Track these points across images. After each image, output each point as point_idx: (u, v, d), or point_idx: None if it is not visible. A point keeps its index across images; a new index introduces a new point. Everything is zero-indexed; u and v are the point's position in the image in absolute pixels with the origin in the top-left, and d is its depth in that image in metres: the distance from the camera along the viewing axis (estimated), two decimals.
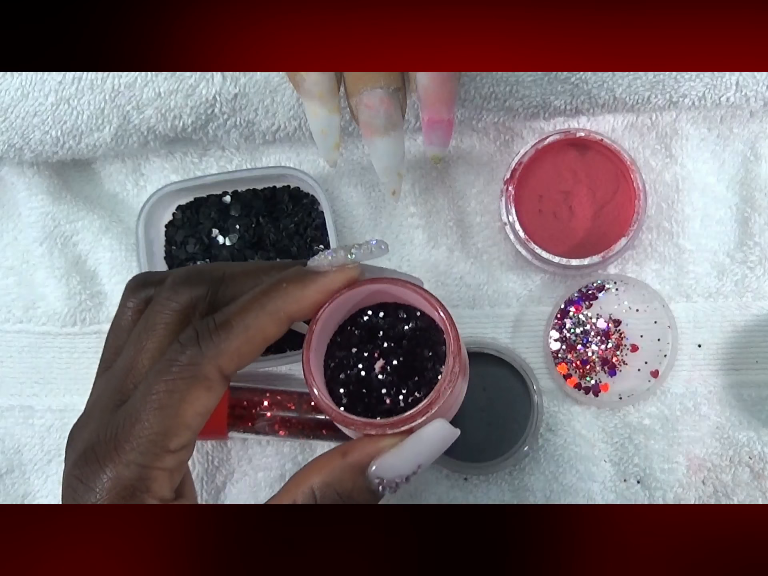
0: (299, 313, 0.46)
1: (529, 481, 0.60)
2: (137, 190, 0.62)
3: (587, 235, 0.58)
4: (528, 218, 0.58)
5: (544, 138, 0.57)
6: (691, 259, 0.59)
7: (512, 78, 0.56)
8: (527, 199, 0.58)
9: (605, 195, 0.58)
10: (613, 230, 0.58)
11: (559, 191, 0.58)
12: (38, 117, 0.55)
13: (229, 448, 0.62)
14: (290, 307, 0.46)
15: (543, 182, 0.58)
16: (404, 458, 0.45)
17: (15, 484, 0.62)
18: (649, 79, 0.56)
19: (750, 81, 0.56)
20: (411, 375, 0.46)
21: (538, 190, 0.58)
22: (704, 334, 0.60)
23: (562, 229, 0.58)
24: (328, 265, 0.46)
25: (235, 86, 0.55)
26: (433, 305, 0.45)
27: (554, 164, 0.58)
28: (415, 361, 0.46)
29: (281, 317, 0.46)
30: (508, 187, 0.57)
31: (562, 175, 0.58)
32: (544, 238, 0.58)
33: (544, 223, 0.58)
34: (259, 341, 0.45)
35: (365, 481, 0.45)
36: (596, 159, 0.58)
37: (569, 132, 0.57)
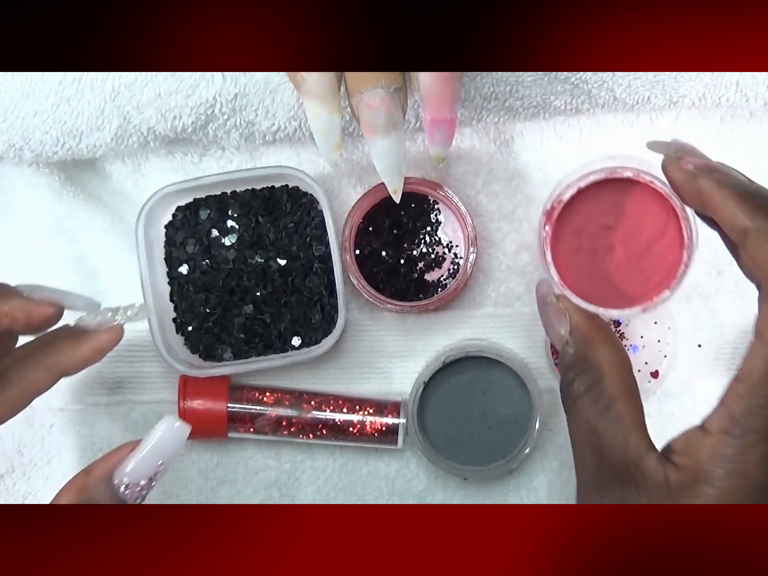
0: (71, 369, 0.50)
1: (530, 481, 0.60)
2: (137, 191, 0.62)
3: (626, 282, 0.51)
4: (564, 261, 0.51)
5: (586, 175, 0.50)
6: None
7: (512, 78, 0.56)
8: (563, 239, 0.51)
9: (651, 236, 0.50)
10: (657, 274, 0.50)
11: (601, 226, 0.51)
12: (38, 117, 0.55)
13: (228, 448, 0.62)
14: (64, 363, 0.50)
15: (582, 223, 0.51)
16: (142, 460, 0.48)
17: (16, 483, 0.61)
18: (649, 79, 0.56)
19: (750, 81, 0.56)
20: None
21: (576, 231, 0.51)
22: (704, 334, 0.60)
23: (601, 271, 0.51)
24: (97, 325, 0.51)
25: (235, 86, 0.55)
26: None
27: (596, 202, 0.51)
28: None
29: (54, 372, 0.50)
30: (546, 228, 0.50)
31: (601, 216, 0.51)
32: (580, 283, 0.50)
33: (582, 267, 0.51)
34: (32, 394, 0.49)
35: (113, 490, 0.48)
36: (643, 199, 0.50)
37: (614, 170, 0.49)
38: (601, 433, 0.43)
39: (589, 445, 0.44)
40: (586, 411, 0.44)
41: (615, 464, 0.43)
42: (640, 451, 0.43)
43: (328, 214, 0.58)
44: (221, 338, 0.60)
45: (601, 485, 0.43)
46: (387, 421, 0.60)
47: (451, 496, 0.61)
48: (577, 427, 0.44)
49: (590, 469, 0.43)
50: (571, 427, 0.45)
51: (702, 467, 0.41)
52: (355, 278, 0.58)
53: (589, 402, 0.44)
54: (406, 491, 0.61)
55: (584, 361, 0.44)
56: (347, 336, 0.61)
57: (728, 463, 0.40)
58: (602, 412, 0.43)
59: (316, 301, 0.59)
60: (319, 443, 0.61)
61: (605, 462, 0.43)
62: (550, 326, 0.47)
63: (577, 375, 0.44)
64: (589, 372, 0.44)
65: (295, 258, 0.59)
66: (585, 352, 0.45)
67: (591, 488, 0.43)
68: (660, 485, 0.42)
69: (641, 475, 0.42)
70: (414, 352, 0.61)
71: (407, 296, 0.59)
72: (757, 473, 0.40)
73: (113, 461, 0.49)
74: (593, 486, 0.43)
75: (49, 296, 0.51)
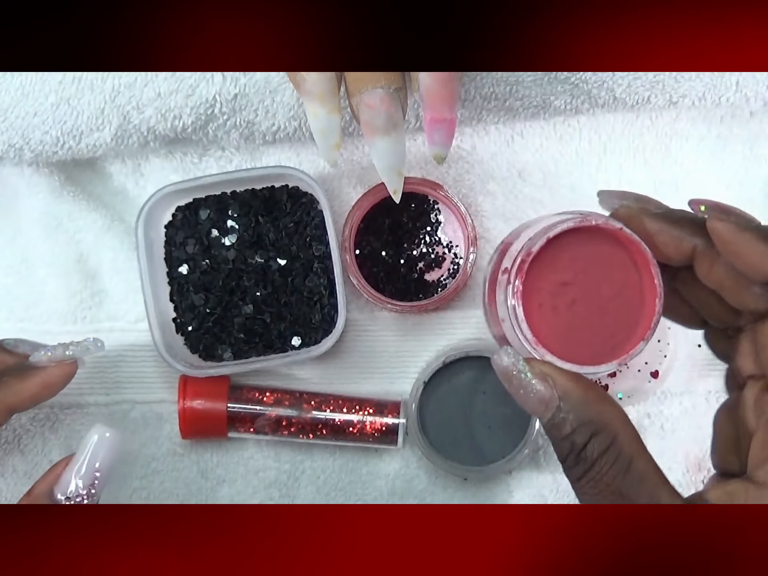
0: (19, 405, 0.51)
1: (530, 481, 0.60)
2: (137, 191, 0.62)
3: (601, 336, 0.47)
4: (536, 317, 0.47)
5: (554, 225, 0.46)
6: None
7: (512, 78, 0.56)
8: (536, 294, 0.47)
9: (611, 289, 0.47)
10: (621, 330, 0.47)
11: (557, 284, 0.47)
12: (38, 117, 0.55)
13: (228, 447, 0.62)
14: (10, 399, 0.50)
15: (552, 275, 0.47)
16: (77, 473, 0.49)
17: (17, 483, 0.61)
18: (649, 79, 0.56)
19: (750, 81, 0.56)
20: None
21: (546, 284, 0.47)
22: None
23: (573, 330, 0.47)
24: (48, 360, 0.51)
25: (235, 86, 0.55)
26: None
27: (566, 255, 0.47)
28: None
29: (1, 409, 0.50)
30: (516, 283, 0.46)
31: (563, 266, 0.47)
32: (553, 340, 0.47)
33: (554, 324, 0.47)
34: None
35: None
36: (606, 246, 0.47)
37: (585, 218, 0.46)
38: (625, 494, 0.41)
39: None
40: (605, 474, 0.41)
41: None
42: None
43: (328, 214, 0.58)
44: (221, 338, 0.60)
45: None
46: (387, 421, 0.60)
47: (451, 496, 0.61)
48: (597, 493, 0.42)
49: None
50: (587, 494, 0.42)
51: None
52: (355, 278, 0.58)
53: (609, 464, 0.41)
54: (406, 491, 0.61)
55: (592, 423, 0.42)
56: (347, 336, 0.61)
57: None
58: (624, 472, 0.41)
59: (316, 301, 0.59)
60: (319, 443, 0.61)
61: None
62: (526, 397, 0.43)
63: (588, 439, 0.41)
64: (603, 433, 0.41)
65: (295, 258, 0.59)
66: (589, 414, 0.42)
67: None
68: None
69: None
70: (414, 352, 0.61)
71: (407, 296, 0.59)
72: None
73: (51, 478, 0.49)
74: None
75: (30, 350, 0.53)
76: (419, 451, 0.60)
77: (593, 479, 0.41)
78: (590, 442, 0.41)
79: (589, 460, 0.41)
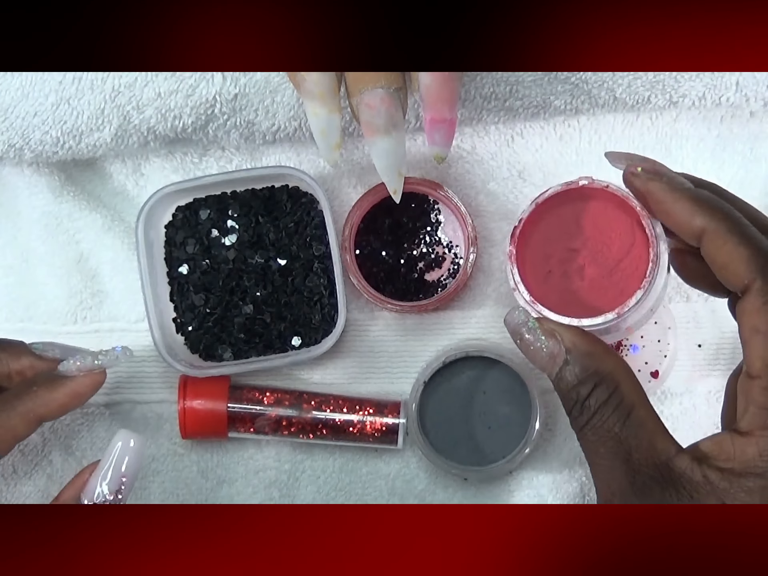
0: (49, 415, 0.51)
1: (530, 481, 0.60)
2: (137, 190, 0.62)
3: (603, 295, 0.50)
4: (536, 281, 0.50)
5: (543, 192, 0.49)
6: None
7: (512, 78, 0.56)
8: (533, 260, 0.51)
9: (621, 249, 0.50)
10: (631, 286, 0.49)
11: (567, 249, 0.50)
12: (38, 117, 0.55)
13: (228, 447, 0.62)
14: (40, 410, 0.50)
15: (548, 241, 0.50)
16: (103, 479, 0.49)
17: (17, 483, 0.61)
18: (649, 79, 0.56)
19: (750, 81, 0.56)
20: None
21: (544, 249, 0.50)
22: (704, 334, 0.60)
23: (574, 291, 0.50)
24: (77, 370, 0.51)
25: (235, 86, 0.55)
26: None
27: (559, 219, 0.50)
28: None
29: (31, 418, 0.50)
30: (510, 248, 0.49)
31: (568, 231, 0.50)
32: (553, 301, 0.49)
33: (554, 286, 0.50)
34: (9, 441, 0.50)
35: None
36: (606, 209, 0.50)
37: (570, 183, 0.49)
38: (624, 440, 0.43)
39: (615, 454, 0.43)
40: (607, 421, 0.43)
41: (645, 468, 0.43)
42: (669, 452, 0.43)
43: (328, 214, 0.58)
44: (221, 338, 0.60)
45: (637, 490, 0.43)
46: (387, 421, 0.60)
47: (451, 496, 0.61)
48: (598, 439, 0.44)
49: (620, 478, 0.43)
50: (590, 442, 0.44)
51: (750, 464, 0.41)
52: (355, 278, 0.58)
53: (609, 412, 0.43)
54: (406, 491, 0.61)
55: (596, 373, 0.44)
56: (347, 336, 0.61)
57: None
58: (624, 419, 0.43)
59: (316, 301, 0.59)
60: (319, 443, 0.61)
61: (635, 467, 0.43)
62: (536, 353, 0.45)
63: (593, 389, 0.44)
64: (605, 383, 0.44)
65: (295, 258, 0.59)
66: (594, 365, 0.44)
67: (628, 495, 0.43)
68: (700, 483, 0.42)
69: (676, 476, 0.42)
70: (414, 352, 0.61)
71: (407, 296, 0.59)
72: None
73: (77, 485, 0.50)
74: (630, 493, 0.43)
75: (59, 354, 0.54)
76: (419, 451, 0.60)
77: (595, 426, 0.44)
78: (593, 391, 0.43)
79: (592, 408, 0.43)
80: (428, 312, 0.61)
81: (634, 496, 0.43)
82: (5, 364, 0.53)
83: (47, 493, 0.61)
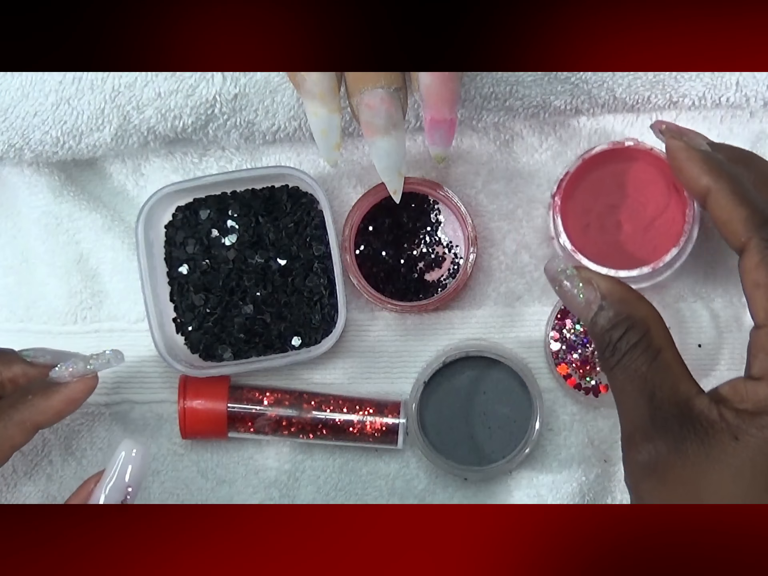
0: (45, 422, 0.51)
1: (530, 481, 0.60)
2: (137, 190, 0.62)
3: (637, 250, 0.56)
4: (575, 232, 0.55)
5: (590, 149, 0.55)
6: (691, 259, 0.59)
7: (512, 78, 0.56)
8: (574, 212, 0.56)
9: (656, 208, 0.55)
10: (664, 244, 0.55)
11: (607, 205, 0.56)
12: (38, 117, 0.55)
13: (228, 447, 0.62)
14: (36, 418, 0.51)
15: (590, 195, 0.56)
16: (108, 490, 0.49)
17: (17, 483, 0.61)
18: (649, 79, 0.56)
19: (750, 81, 0.56)
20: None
21: (585, 203, 0.56)
22: (704, 334, 0.60)
23: (610, 244, 0.56)
24: (69, 376, 0.52)
25: (235, 86, 0.55)
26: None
27: (601, 176, 0.56)
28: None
29: (28, 427, 0.51)
30: (555, 199, 0.55)
31: (609, 188, 0.56)
32: (592, 252, 0.55)
33: (592, 238, 0.56)
34: (7, 450, 0.50)
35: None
36: (646, 170, 0.55)
37: (617, 143, 0.55)
38: (650, 380, 0.46)
39: (640, 391, 0.46)
40: (635, 361, 0.46)
41: (668, 406, 0.45)
42: (690, 393, 0.46)
43: (328, 214, 0.58)
44: (221, 338, 0.60)
45: (658, 426, 0.45)
46: (387, 421, 0.60)
47: (451, 496, 0.61)
48: (626, 378, 0.46)
49: (642, 414, 0.46)
50: (618, 381, 0.47)
51: (762, 405, 0.44)
52: (355, 278, 0.58)
53: (638, 353, 0.46)
54: (406, 491, 0.61)
55: (629, 318, 0.47)
56: (347, 336, 0.61)
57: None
58: (651, 360, 0.46)
59: (316, 301, 0.59)
60: (319, 443, 0.61)
61: (658, 406, 0.45)
62: (573, 299, 0.48)
63: (625, 332, 0.46)
64: (637, 327, 0.46)
65: (295, 258, 0.59)
66: (627, 310, 0.47)
67: (648, 431, 0.46)
68: (716, 421, 0.45)
69: (695, 414, 0.45)
70: (414, 352, 0.61)
71: (407, 296, 0.59)
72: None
73: (83, 495, 0.50)
74: (650, 428, 0.46)
75: (51, 360, 0.54)
76: (419, 451, 0.60)
77: (624, 366, 0.46)
78: (625, 334, 0.46)
79: (623, 350, 0.46)
80: (428, 312, 0.61)
81: (654, 431, 0.45)
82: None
83: (47, 493, 0.61)
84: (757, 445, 0.44)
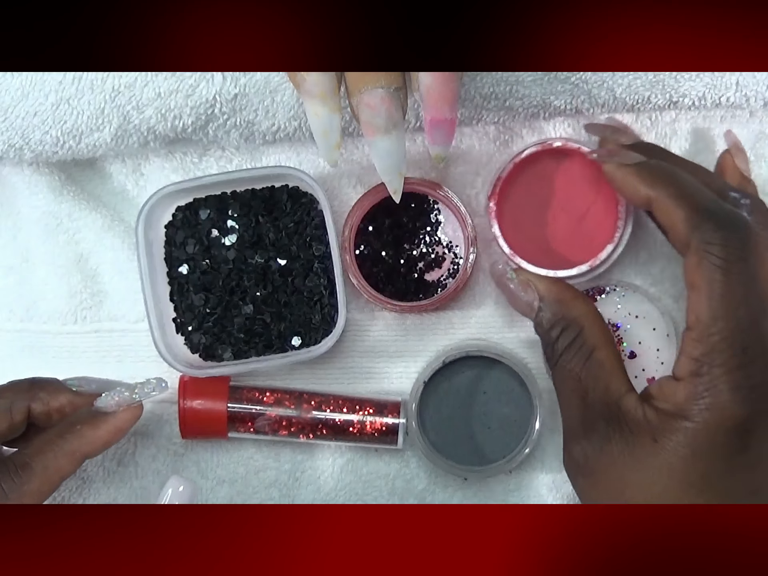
0: (93, 452, 0.52)
1: (530, 481, 0.60)
2: (138, 190, 0.62)
3: (573, 245, 0.57)
4: (512, 234, 0.57)
5: (521, 151, 0.57)
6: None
7: (512, 78, 0.56)
8: (510, 214, 0.57)
9: (585, 201, 0.57)
10: (599, 236, 0.57)
11: (540, 204, 0.57)
12: (38, 117, 0.55)
13: (228, 447, 0.62)
14: (85, 448, 0.52)
15: (523, 197, 0.57)
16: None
17: None
18: (649, 79, 0.56)
19: (750, 81, 0.56)
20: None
21: (519, 205, 0.57)
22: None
23: (547, 243, 0.58)
24: (116, 405, 0.53)
25: (235, 86, 0.55)
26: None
27: (533, 177, 0.57)
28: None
29: (77, 457, 0.51)
30: (490, 203, 0.57)
31: (541, 188, 0.58)
32: (529, 253, 0.57)
33: (529, 238, 0.57)
34: (56, 480, 0.51)
35: None
36: (574, 168, 0.57)
37: (546, 144, 0.57)
38: (583, 380, 0.47)
39: (574, 392, 0.47)
40: (569, 362, 0.48)
41: (598, 406, 0.46)
42: (620, 392, 0.47)
43: (328, 214, 0.58)
44: (221, 338, 0.60)
45: (587, 426, 0.46)
46: (387, 421, 0.60)
47: (451, 496, 0.61)
48: (562, 378, 0.48)
49: (575, 415, 0.47)
50: (557, 380, 0.49)
51: (680, 407, 0.45)
52: (355, 278, 0.58)
53: (573, 353, 0.48)
54: (406, 491, 0.61)
55: (563, 319, 0.48)
56: (347, 336, 0.61)
57: (701, 400, 0.44)
58: (584, 360, 0.47)
59: (316, 301, 0.59)
60: (319, 443, 0.61)
61: (589, 405, 0.47)
62: (516, 300, 0.51)
63: (560, 333, 0.48)
64: (570, 327, 0.48)
65: (295, 258, 0.59)
66: (562, 311, 0.49)
67: (578, 431, 0.47)
68: (640, 421, 0.46)
69: (622, 413, 0.46)
70: (414, 352, 0.61)
71: (407, 296, 0.59)
72: (728, 403, 0.44)
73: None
74: (580, 428, 0.47)
75: (96, 389, 0.55)
76: (419, 451, 0.60)
77: (561, 366, 0.48)
78: (561, 335, 0.48)
79: (559, 350, 0.48)
80: (428, 312, 0.61)
81: (583, 431, 0.47)
82: (45, 403, 0.54)
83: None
84: (672, 448, 0.44)
